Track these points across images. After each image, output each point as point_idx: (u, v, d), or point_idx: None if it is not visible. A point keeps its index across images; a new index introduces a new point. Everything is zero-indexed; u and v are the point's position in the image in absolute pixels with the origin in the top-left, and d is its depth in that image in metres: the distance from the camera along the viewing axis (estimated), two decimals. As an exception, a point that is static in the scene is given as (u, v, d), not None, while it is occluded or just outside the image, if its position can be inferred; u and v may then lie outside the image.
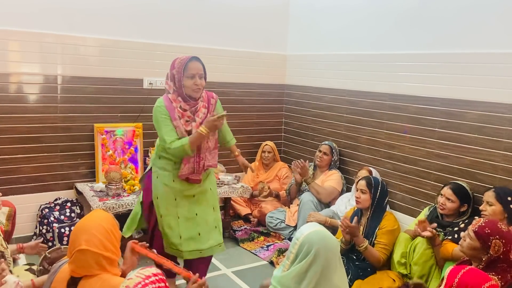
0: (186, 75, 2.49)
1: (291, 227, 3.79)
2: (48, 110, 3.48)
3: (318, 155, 3.91)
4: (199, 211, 2.67)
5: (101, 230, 1.72)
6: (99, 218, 1.79)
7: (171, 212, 2.62)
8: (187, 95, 2.53)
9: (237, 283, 3.05)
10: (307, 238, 1.76)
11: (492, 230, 2.07)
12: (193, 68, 2.50)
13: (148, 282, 1.46)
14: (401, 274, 2.79)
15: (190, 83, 2.50)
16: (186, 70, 2.49)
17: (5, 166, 3.37)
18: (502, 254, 2.04)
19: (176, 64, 2.53)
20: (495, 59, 2.79)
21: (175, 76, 2.52)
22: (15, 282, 1.97)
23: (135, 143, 3.78)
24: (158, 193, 2.63)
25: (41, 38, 3.37)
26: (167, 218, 2.62)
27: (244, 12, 4.28)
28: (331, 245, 1.77)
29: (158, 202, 2.63)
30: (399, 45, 3.43)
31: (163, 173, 2.62)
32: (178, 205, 2.62)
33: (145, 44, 3.78)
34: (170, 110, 2.53)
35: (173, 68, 2.54)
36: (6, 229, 2.88)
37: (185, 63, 2.49)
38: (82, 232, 1.74)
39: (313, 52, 4.29)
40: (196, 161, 2.59)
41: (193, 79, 2.50)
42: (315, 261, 1.71)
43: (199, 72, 2.52)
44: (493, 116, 2.81)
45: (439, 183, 3.09)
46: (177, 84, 2.52)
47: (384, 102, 3.54)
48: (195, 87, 2.51)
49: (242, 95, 4.32)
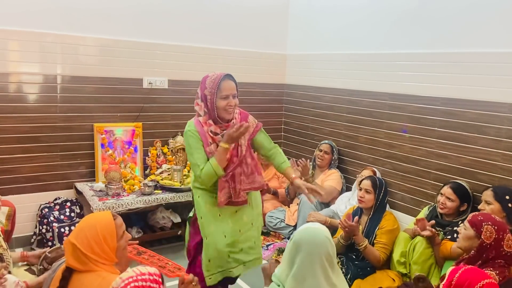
0: (220, 96, 2.30)
1: (290, 226, 3.79)
2: (48, 110, 3.48)
3: (318, 154, 3.91)
4: (241, 226, 2.50)
5: (92, 232, 1.70)
6: (97, 220, 1.76)
7: (217, 230, 2.42)
8: (219, 116, 2.35)
9: (237, 282, 3.05)
10: (297, 231, 1.79)
11: (484, 218, 2.14)
12: (227, 88, 2.31)
13: (140, 279, 1.44)
14: (401, 273, 2.79)
15: (223, 104, 2.31)
16: (220, 91, 2.30)
17: (5, 166, 3.37)
18: (494, 241, 2.06)
19: (208, 83, 2.33)
20: (495, 59, 2.79)
21: (207, 97, 2.32)
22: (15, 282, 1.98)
23: (135, 142, 3.78)
24: (201, 212, 2.43)
25: (41, 38, 3.37)
26: (213, 238, 2.42)
27: (244, 11, 4.27)
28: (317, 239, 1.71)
29: (203, 222, 2.42)
30: (399, 44, 3.43)
31: (205, 192, 2.44)
32: (223, 221, 2.44)
33: (145, 44, 3.78)
34: (203, 135, 2.35)
35: (204, 88, 2.34)
36: (6, 229, 2.88)
37: (218, 83, 2.30)
38: (79, 226, 1.75)
39: (313, 52, 4.29)
40: (231, 187, 2.39)
41: (227, 99, 2.32)
42: (298, 251, 1.70)
43: (232, 92, 2.33)
44: (493, 116, 2.81)
45: (439, 183, 3.09)
46: (209, 106, 2.33)
47: (384, 101, 3.54)
48: (229, 108, 2.33)
49: (242, 94, 4.27)
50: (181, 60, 3.95)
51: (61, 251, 2.57)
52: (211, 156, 2.34)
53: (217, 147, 2.35)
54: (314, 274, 1.65)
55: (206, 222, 2.43)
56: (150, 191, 3.42)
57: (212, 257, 2.40)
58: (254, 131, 2.50)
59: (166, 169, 3.76)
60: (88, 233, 1.70)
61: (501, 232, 2.07)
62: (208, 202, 2.44)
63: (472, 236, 2.14)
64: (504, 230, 2.09)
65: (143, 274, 1.46)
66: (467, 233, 2.17)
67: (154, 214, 3.65)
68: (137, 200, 3.30)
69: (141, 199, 3.32)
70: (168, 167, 3.77)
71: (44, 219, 3.39)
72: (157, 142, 3.91)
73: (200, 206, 2.45)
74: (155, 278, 1.46)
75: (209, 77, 2.35)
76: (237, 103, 2.39)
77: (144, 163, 3.84)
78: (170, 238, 3.71)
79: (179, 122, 3.98)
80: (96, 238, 1.70)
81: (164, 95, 3.94)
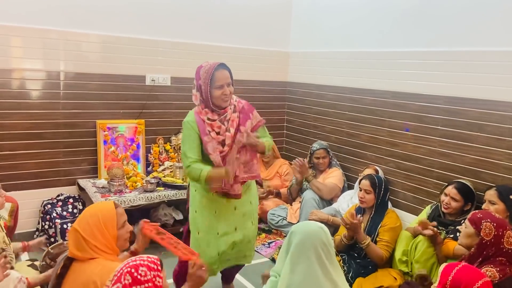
0: (214, 86, 2.32)
1: (292, 224, 3.79)
2: (51, 106, 3.49)
3: (316, 161, 3.87)
4: (238, 224, 2.50)
5: (94, 219, 1.76)
6: (99, 208, 1.83)
7: (211, 227, 2.43)
8: (215, 105, 2.36)
9: (239, 280, 3.06)
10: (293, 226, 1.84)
11: (484, 215, 2.15)
12: (221, 78, 2.33)
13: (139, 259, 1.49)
14: (402, 272, 2.79)
15: (218, 93, 2.33)
16: (214, 81, 2.32)
17: (8, 162, 3.39)
18: (494, 238, 2.06)
19: (202, 74, 2.34)
20: (498, 57, 2.78)
21: (202, 87, 2.35)
22: (17, 278, 1.98)
23: (137, 139, 3.79)
24: (197, 207, 2.44)
25: (44, 34, 3.38)
26: (206, 236, 2.43)
27: (246, 9, 4.27)
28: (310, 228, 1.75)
29: (196, 216, 2.44)
30: (401, 42, 3.42)
31: (202, 193, 2.44)
32: (219, 219, 2.44)
33: (148, 41, 3.79)
34: (200, 124, 2.36)
35: (199, 79, 2.36)
36: (9, 225, 2.89)
37: (211, 73, 2.31)
38: (83, 213, 1.82)
39: (316, 50, 4.28)
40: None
41: (222, 89, 2.33)
42: (292, 240, 1.74)
43: (227, 81, 2.34)
44: (496, 114, 2.80)
45: (441, 181, 3.08)
46: (204, 96, 2.35)
47: (386, 100, 3.54)
48: (224, 97, 2.35)
49: (244, 92, 4.30)
50: (184, 58, 3.95)
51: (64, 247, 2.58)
52: (209, 145, 2.32)
53: (216, 134, 2.35)
54: (308, 259, 1.68)
55: (201, 217, 2.43)
56: (153, 188, 3.43)
57: (201, 253, 2.32)
58: (256, 125, 2.48)
59: (169, 166, 3.77)
60: (90, 219, 1.76)
61: (501, 229, 2.07)
62: (205, 197, 2.43)
63: (472, 234, 2.15)
64: (504, 227, 2.08)
65: (141, 257, 1.50)
66: (467, 231, 2.18)
67: (156, 211, 3.66)
68: (139, 197, 3.31)
69: (143, 196, 3.33)
70: (171, 164, 3.77)
71: (46, 215, 3.41)
72: (159, 139, 3.92)
73: (195, 200, 2.45)
74: (154, 261, 1.49)
75: (203, 67, 2.36)
76: (232, 91, 2.39)
77: (147, 160, 3.84)
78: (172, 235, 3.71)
79: (182, 119, 3.89)
80: (98, 225, 1.76)
81: (167, 92, 3.94)
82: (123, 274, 1.43)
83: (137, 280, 1.42)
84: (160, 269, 1.50)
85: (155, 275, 1.46)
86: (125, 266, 1.46)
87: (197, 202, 2.44)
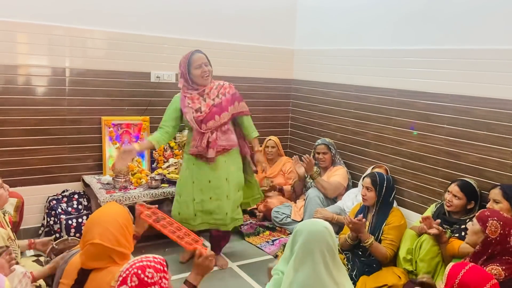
0: (194, 67, 2.86)
1: (297, 222, 3.77)
2: (56, 103, 3.50)
3: (318, 157, 3.86)
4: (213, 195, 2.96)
5: (116, 225, 1.74)
6: (114, 212, 1.80)
7: (189, 194, 2.97)
8: (196, 83, 2.90)
9: (242, 277, 3.06)
10: (298, 224, 1.86)
11: (491, 213, 2.15)
12: (197, 59, 2.87)
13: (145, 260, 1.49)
14: (407, 270, 2.78)
15: (199, 72, 2.87)
16: (191, 63, 2.87)
17: (14, 158, 3.40)
18: (499, 236, 2.05)
19: (182, 62, 2.91)
20: (504, 55, 2.76)
21: (183, 73, 2.90)
22: (22, 273, 1.99)
23: (142, 136, 3.79)
24: (181, 176, 3.05)
25: (50, 31, 3.38)
26: (185, 199, 2.99)
27: (251, 6, 4.26)
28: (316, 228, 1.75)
29: (180, 184, 3.05)
30: (407, 40, 3.40)
31: (189, 158, 2.98)
32: (195, 188, 2.96)
33: (153, 38, 3.79)
34: (182, 100, 2.92)
35: (180, 66, 2.91)
36: (14, 220, 2.91)
37: (188, 58, 2.87)
38: (96, 225, 1.75)
39: (321, 47, 4.27)
40: (199, 138, 2.87)
41: (201, 68, 2.86)
42: (297, 239, 1.74)
43: (203, 61, 2.88)
44: (502, 113, 2.78)
45: (447, 180, 3.07)
46: (184, 77, 2.90)
47: (392, 98, 3.52)
48: (204, 74, 2.87)
49: (249, 89, 4.30)
50: (189, 54, 3.94)
51: (68, 243, 2.60)
52: (187, 115, 2.87)
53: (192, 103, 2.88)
54: (313, 260, 1.68)
55: (183, 183, 3.01)
56: (157, 184, 3.44)
57: (182, 212, 3.00)
58: (240, 112, 3.02)
59: (173, 163, 3.77)
60: (112, 228, 1.73)
61: (507, 228, 2.05)
62: (189, 168, 2.99)
63: (478, 231, 2.15)
64: (510, 226, 2.07)
65: (147, 257, 1.50)
66: (474, 228, 2.18)
67: (160, 207, 3.65)
68: (144, 193, 3.32)
69: (148, 192, 3.34)
70: (175, 161, 3.78)
71: (52, 211, 3.42)
72: (164, 136, 3.91)
73: (182, 168, 3.06)
74: (160, 261, 1.49)
75: (182, 57, 2.91)
76: (211, 69, 2.92)
77: (151, 157, 3.85)
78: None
79: (186, 116, 3.97)
80: (120, 230, 1.75)
81: (172, 89, 3.93)
82: (130, 275, 1.42)
83: (143, 282, 1.41)
84: (166, 270, 1.50)
85: (161, 277, 1.46)
86: (131, 266, 1.45)
87: (181, 173, 3.06)
